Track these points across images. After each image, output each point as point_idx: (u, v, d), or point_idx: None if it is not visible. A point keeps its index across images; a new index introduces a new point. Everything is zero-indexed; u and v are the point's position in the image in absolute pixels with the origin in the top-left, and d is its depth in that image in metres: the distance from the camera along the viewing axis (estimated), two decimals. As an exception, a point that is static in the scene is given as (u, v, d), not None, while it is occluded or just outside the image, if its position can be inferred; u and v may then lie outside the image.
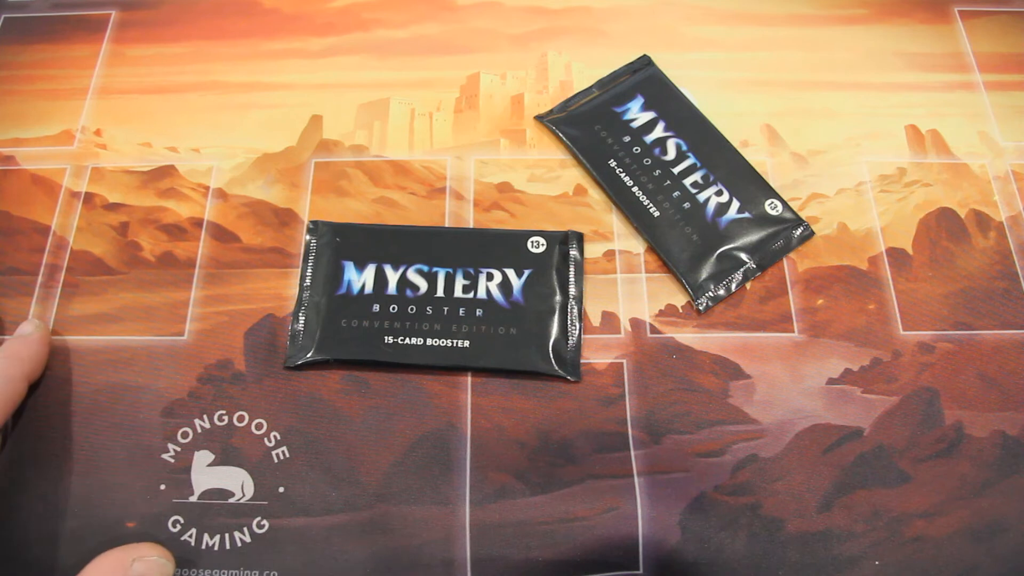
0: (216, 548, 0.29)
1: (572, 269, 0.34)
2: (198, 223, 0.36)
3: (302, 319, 0.33)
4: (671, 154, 0.36)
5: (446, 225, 0.36)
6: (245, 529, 0.30)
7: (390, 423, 0.32)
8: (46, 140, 0.38)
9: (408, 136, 0.38)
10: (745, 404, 0.32)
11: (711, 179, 0.36)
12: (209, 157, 0.37)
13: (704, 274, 0.34)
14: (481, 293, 0.33)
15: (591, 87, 0.39)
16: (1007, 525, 0.30)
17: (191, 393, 0.32)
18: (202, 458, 0.31)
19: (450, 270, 0.33)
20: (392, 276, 0.33)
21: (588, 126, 0.37)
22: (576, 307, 0.33)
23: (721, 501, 0.30)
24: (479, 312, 0.33)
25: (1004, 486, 0.31)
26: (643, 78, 0.39)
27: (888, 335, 0.33)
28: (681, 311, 0.34)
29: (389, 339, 0.32)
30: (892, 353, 0.33)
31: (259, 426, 0.31)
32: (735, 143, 0.37)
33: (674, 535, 0.30)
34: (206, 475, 0.31)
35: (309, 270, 0.34)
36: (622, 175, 0.36)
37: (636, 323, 0.34)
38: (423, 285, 0.33)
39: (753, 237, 0.35)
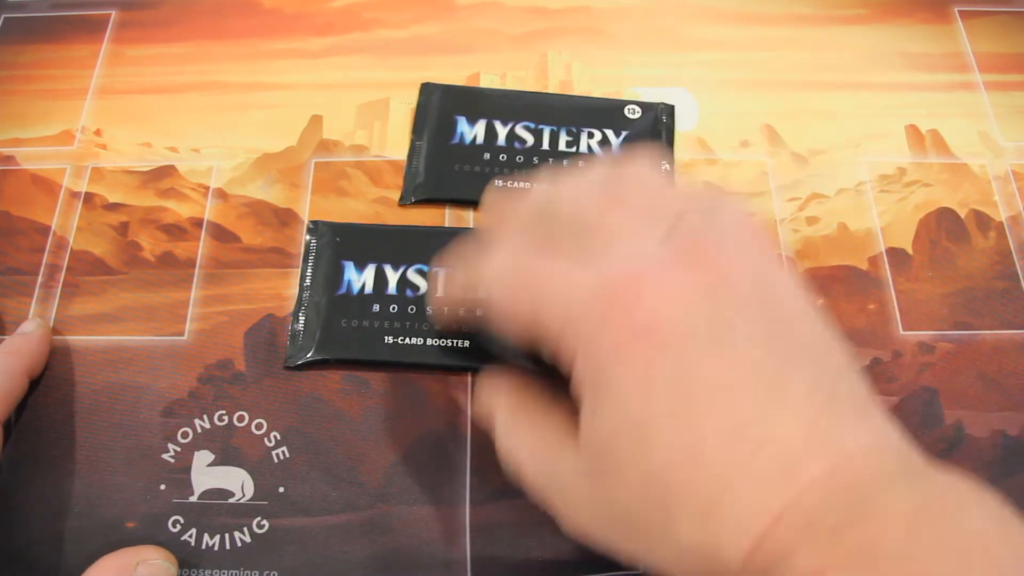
0: (216, 548, 0.29)
1: None
2: (198, 223, 0.36)
3: (302, 319, 0.33)
4: (529, 138, 0.37)
5: (446, 226, 0.36)
6: (245, 529, 0.30)
7: (390, 423, 0.32)
8: (46, 140, 0.38)
9: (408, 136, 0.38)
10: (745, 404, 0.32)
11: (574, 130, 0.37)
12: (209, 157, 0.37)
13: None
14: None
15: (412, 142, 0.37)
16: (1007, 525, 0.30)
17: (191, 393, 0.32)
18: (202, 458, 0.31)
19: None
20: (392, 276, 0.33)
21: (450, 173, 0.36)
22: None
23: (721, 501, 0.30)
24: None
25: (1004, 486, 0.30)
26: (444, 101, 0.38)
27: (888, 335, 0.33)
28: (681, 311, 0.34)
29: (389, 339, 0.32)
30: (892, 353, 0.33)
31: (259, 426, 0.31)
32: (735, 143, 0.37)
33: (674, 535, 0.30)
34: (206, 475, 0.31)
35: (309, 270, 0.34)
36: (518, 184, 0.36)
37: (636, 323, 0.34)
38: (423, 285, 0.33)
39: (646, 145, 0.37)
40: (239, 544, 0.29)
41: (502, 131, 0.37)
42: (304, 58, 0.40)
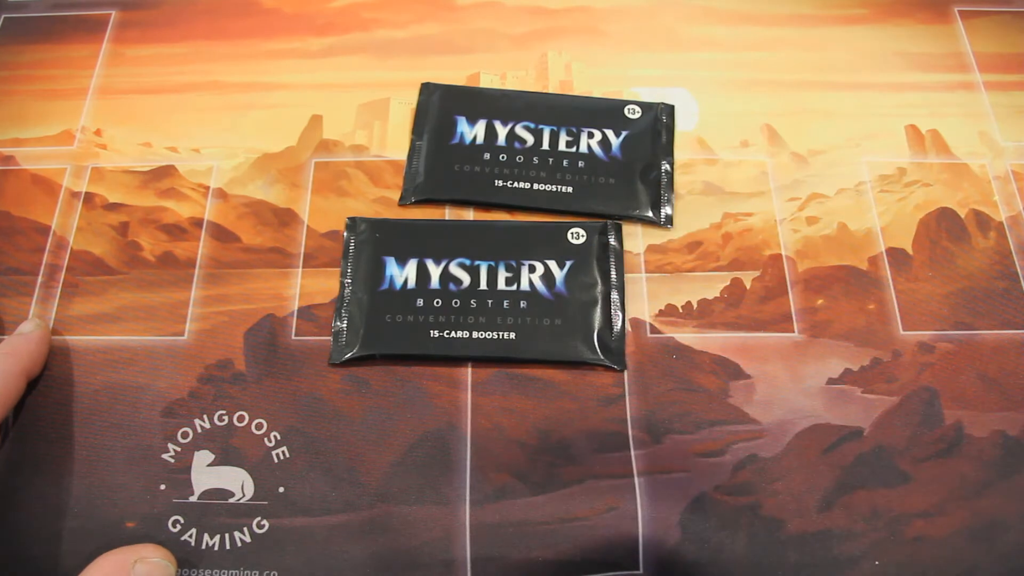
0: (216, 548, 0.29)
1: (612, 258, 0.34)
2: (198, 223, 0.36)
3: (345, 316, 0.33)
4: (529, 138, 0.37)
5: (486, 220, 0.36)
6: (245, 529, 0.30)
7: (390, 423, 0.32)
8: (46, 140, 0.38)
9: (408, 136, 0.38)
10: (745, 404, 0.32)
11: (575, 130, 0.37)
12: (209, 157, 0.37)
13: (646, 201, 0.35)
14: (524, 285, 0.33)
15: (412, 142, 0.37)
16: (1007, 525, 0.30)
17: (191, 393, 0.32)
18: (202, 458, 0.31)
19: (492, 263, 0.33)
20: (434, 270, 0.33)
21: (450, 173, 0.36)
22: (619, 296, 0.33)
23: (721, 501, 0.30)
24: (523, 304, 0.33)
25: (1004, 486, 0.31)
26: (444, 101, 0.38)
27: (888, 335, 0.33)
28: (681, 311, 0.34)
29: (435, 333, 0.32)
30: (892, 353, 0.33)
31: (259, 426, 0.31)
32: (735, 143, 0.37)
33: (674, 535, 0.30)
34: (206, 475, 0.31)
35: (349, 268, 0.34)
36: (516, 184, 0.36)
37: (636, 323, 0.34)
38: (466, 279, 0.33)
39: (646, 145, 0.36)
40: (239, 544, 0.29)
41: (502, 131, 0.37)
42: (304, 58, 0.40)
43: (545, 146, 0.36)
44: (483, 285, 0.33)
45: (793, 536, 0.30)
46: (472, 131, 0.37)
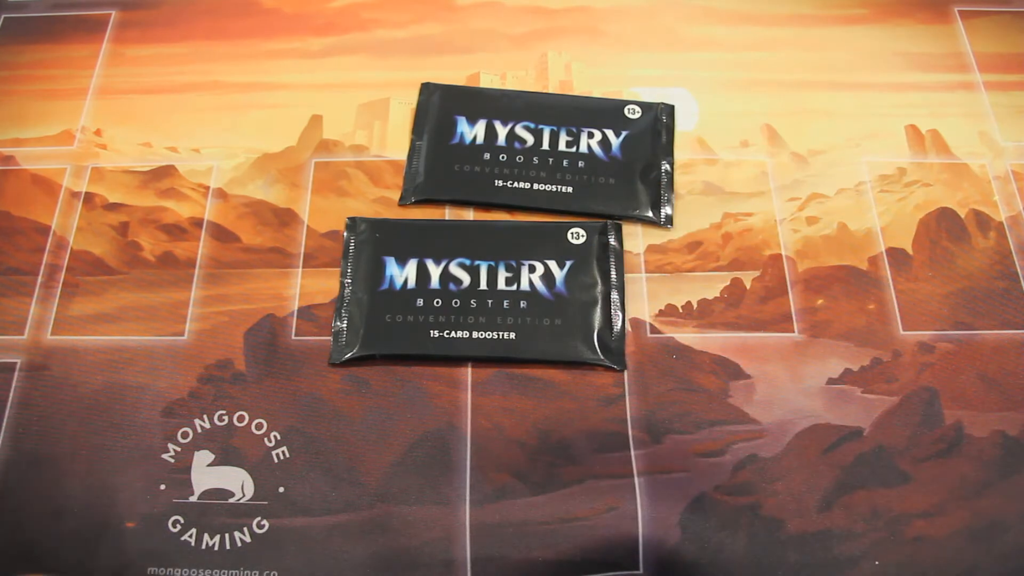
0: (216, 548, 0.29)
1: (612, 258, 0.34)
2: (198, 223, 0.36)
3: (345, 316, 0.33)
4: (529, 138, 0.37)
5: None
6: (245, 529, 0.30)
7: (390, 423, 0.32)
8: (46, 140, 0.38)
9: (408, 136, 0.38)
10: (745, 404, 0.32)
11: (575, 131, 0.37)
12: (209, 157, 0.37)
13: (646, 201, 0.35)
14: (524, 285, 0.33)
15: (412, 142, 0.37)
16: (1007, 525, 0.30)
17: (191, 393, 0.32)
18: (202, 458, 0.31)
19: (492, 263, 0.33)
20: (434, 270, 0.33)
21: (450, 173, 0.36)
22: (619, 296, 0.33)
23: (721, 501, 0.30)
24: (523, 304, 0.33)
25: (1004, 486, 0.31)
26: (444, 101, 0.38)
27: (888, 335, 0.33)
28: (681, 311, 0.34)
29: (435, 333, 0.32)
30: (892, 353, 0.33)
31: (259, 426, 0.31)
32: (735, 143, 0.37)
33: (674, 535, 0.30)
34: (206, 475, 0.31)
35: (349, 268, 0.34)
36: (516, 184, 0.36)
37: (636, 323, 0.34)
38: (466, 279, 0.33)
39: (646, 145, 0.37)
40: (239, 544, 0.29)
41: (502, 131, 0.37)
42: (304, 58, 0.40)
43: (545, 146, 0.36)
44: (483, 285, 0.33)
45: (793, 536, 0.30)
46: (472, 131, 0.37)
